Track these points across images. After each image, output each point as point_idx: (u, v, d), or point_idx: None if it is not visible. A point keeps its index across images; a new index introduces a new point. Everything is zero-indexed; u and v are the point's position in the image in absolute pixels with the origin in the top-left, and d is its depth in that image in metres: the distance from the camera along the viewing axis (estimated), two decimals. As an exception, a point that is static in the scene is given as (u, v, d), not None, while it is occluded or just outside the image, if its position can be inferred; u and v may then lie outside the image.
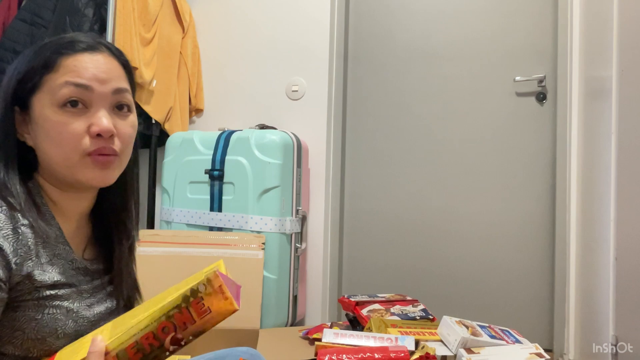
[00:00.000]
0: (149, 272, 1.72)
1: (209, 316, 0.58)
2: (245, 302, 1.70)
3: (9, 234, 0.63)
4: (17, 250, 0.63)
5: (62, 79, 0.69)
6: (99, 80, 0.70)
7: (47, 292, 0.66)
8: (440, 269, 2.20)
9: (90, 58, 0.71)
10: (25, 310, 0.65)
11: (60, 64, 0.69)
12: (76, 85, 0.69)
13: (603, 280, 1.52)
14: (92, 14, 1.90)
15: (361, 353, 1.18)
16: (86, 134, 0.69)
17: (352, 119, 2.38)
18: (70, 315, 0.68)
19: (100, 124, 0.69)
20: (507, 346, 1.35)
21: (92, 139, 0.69)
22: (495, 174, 2.15)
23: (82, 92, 0.69)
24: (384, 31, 2.34)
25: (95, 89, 0.70)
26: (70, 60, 0.70)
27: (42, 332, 0.65)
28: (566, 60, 2.01)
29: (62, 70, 0.69)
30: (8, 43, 1.93)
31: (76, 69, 0.69)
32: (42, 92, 0.69)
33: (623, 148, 1.44)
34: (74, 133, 0.68)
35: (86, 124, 0.69)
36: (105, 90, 0.70)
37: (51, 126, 0.68)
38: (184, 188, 2.03)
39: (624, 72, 1.44)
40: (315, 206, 2.21)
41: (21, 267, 0.64)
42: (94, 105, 0.70)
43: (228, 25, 2.41)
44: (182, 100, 2.30)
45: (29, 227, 0.66)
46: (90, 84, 0.69)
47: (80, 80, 0.69)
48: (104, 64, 0.72)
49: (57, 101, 0.68)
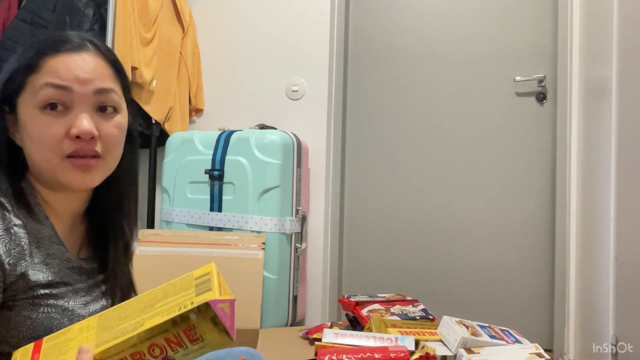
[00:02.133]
0: (149, 272, 1.72)
1: (202, 344, 0.55)
2: (245, 302, 1.71)
3: (1, 234, 0.63)
4: (10, 251, 0.63)
5: (42, 80, 0.68)
6: (80, 80, 0.68)
7: (42, 291, 0.66)
8: (440, 269, 2.20)
9: (72, 58, 0.69)
10: (21, 309, 0.64)
11: (43, 65, 0.68)
12: (55, 86, 0.67)
13: (603, 280, 1.52)
14: (92, 14, 1.90)
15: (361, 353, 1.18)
16: (65, 136, 0.68)
17: (352, 119, 2.38)
18: (65, 314, 0.68)
19: (79, 126, 0.67)
20: (507, 346, 1.35)
21: (71, 141, 0.68)
22: (495, 173, 2.15)
23: (61, 94, 0.68)
24: (384, 31, 2.34)
25: (76, 89, 0.68)
26: (53, 61, 0.68)
27: (37, 331, 0.65)
28: (566, 60, 2.01)
29: (43, 71, 0.68)
30: (8, 43, 1.93)
31: (56, 70, 0.68)
32: (26, 93, 0.69)
33: (623, 148, 1.44)
34: (53, 135, 0.67)
35: (66, 125, 0.68)
36: (87, 91, 0.69)
37: (33, 128, 0.68)
38: (184, 188, 2.03)
39: (624, 72, 1.44)
40: (315, 206, 2.21)
41: (15, 267, 0.64)
42: (75, 106, 0.68)
43: (228, 25, 2.41)
44: (182, 100, 2.30)
45: (21, 227, 0.66)
46: (70, 85, 0.68)
47: (59, 81, 0.67)
48: (88, 64, 0.70)
49: (37, 103, 0.68)
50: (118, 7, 1.88)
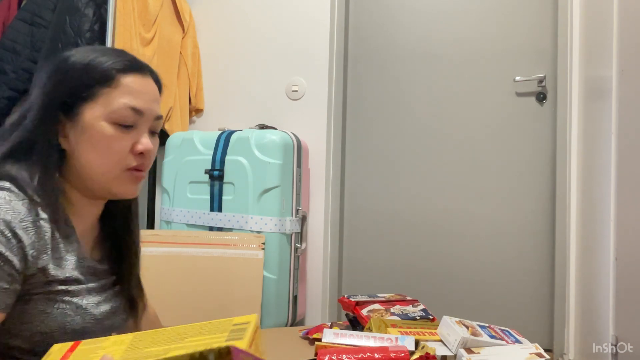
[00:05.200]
0: (149, 272, 1.72)
1: None
2: (245, 302, 1.71)
3: (28, 226, 0.66)
4: (34, 243, 0.66)
5: (121, 99, 0.73)
6: (150, 107, 0.77)
7: (59, 287, 0.69)
8: (441, 268, 2.20)
9: (145, 82, 0.78)
10: (36, 303, 0.67)
11: (119, 82, 0.73)
12: (135, 110, 0.74)
13: (603, 280, 1.52)
14: (92, 14, 1.90)
15: (361, 353, 1.18)
16: (130, 151, 0.75)
17: (352, 119, 2.37)
18: (79, 311, 0.71)
19: (146, 145, 0.76)
20: (507, 346, 1.34)
21: (134, 156, 0.75)
22: (495, 174, 2.15)
23: (136, 116, 0.75)
24: (384, 31, 2.34)
25: (146, 114, 0.76)
26: (128, 80, 0.74)
27: (50, 326, 0.67)
28: (566, 60, 2.01)
29: (120, 88, 0.73)
30: (8, 43, 1.93)
31: (134, 92, 0.74)
32: (96, 104, 0.73)
33: (623, 148, 1.44)
34: (121, 149, 0.74)
35: (132, 141, 0.75)
36: (151, 116, 0.78)
37: (101, 138, 0.73)
38: (184, 188, 2.03)
39: (624, 72, 1.44)
40: (315, 206, 2.21)
41: (37, 260, 0.66)
42: (140, 126, 0.76)
43: (228, 25, 2.41)
44: (182, 100, 2.30)
45: (47, 222, 0.68)
46: (145, 111, 0.76)
47: (138, 106, 0.75)
48: (153, 91, 0.79)
49: (112, 118, 0.73)
50: (118, 7, 1.88)
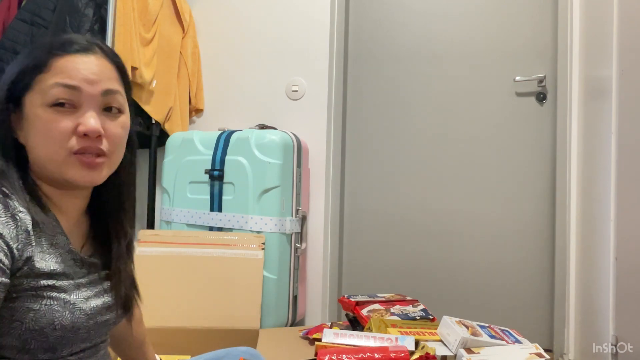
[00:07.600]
0: (149, 272, 1.72)
1: None
2: (245, 302, 1.71)
3: (8, 221, 0.65)
4: (17, 236, 0.65)
5: (52, 80, 0.70)
6: (89, 81, 0.72)
7: (45, 282, 0.68)
8: (440, 268, 2.20)
9: (81, 59, 0.72)
10: (24, 301, 0.66)
11: (52, 65, 0.71)
12: (65, 86, 0.70)
13: (603, 280, 1.52)
14: (92, 14, 1.89)
15: (361, 353, 1.18)
16: (73, 133, 0.70)
17: (352, 119, 2.37)
18: (67, 307, 0.70)
19: (87, 124, 0.70)
20: (507, 346, 1.34)
21: (78, 138, 0.71)
22: (495, 174, 2.15)
23: (71, 93, 0.71)
24: (384, 31, 2.34)
25: (84, 89, 0.71)
26: (62, 62, 0.72)
27: (39, 323, 0.67)
28: (566, 60, 2.01)
29: (52, 71, 0.71)
30: (8, 43, 1.93)
31: (66, 70, 0.71)
32: (34, 92, 0.71)
33: (623, 148, 1.44)
34: (61, 131, 0.70)
35: (74, 123, 0.71)
36: (94, 91, 0.72)
37: (40, 124, 0.70)
38: (184, 188, 2.03)
39: (624, 72, 1.44)
40: (315, 206, 2.21)
41: (22, 252, 0.66)
42: (83, 105, 0.71)
43: (228, 25, 2.41)
44: (182, 100, 2.30)
45: (26, 214, 0.67)
46: (79, 85, 0.71)
47: (69, 81, 0.71)
48: (96, 66, 0.73)
49: (47, 101, 0.70)
50: (118, 7, 1.88)
